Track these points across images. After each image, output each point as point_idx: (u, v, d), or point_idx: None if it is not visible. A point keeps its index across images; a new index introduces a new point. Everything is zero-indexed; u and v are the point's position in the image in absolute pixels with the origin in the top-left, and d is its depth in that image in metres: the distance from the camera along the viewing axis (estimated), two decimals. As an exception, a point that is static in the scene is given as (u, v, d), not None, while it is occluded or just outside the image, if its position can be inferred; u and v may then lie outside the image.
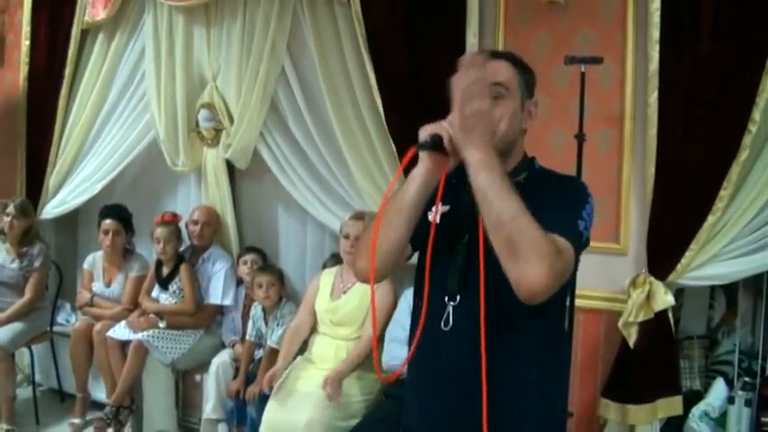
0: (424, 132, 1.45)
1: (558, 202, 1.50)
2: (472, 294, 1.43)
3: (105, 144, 4.25)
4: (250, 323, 3.59)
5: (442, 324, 1.54)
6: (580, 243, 1.49)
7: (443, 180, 1.48)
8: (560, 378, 1.66)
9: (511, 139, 1.56)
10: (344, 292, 3.26)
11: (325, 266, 3.55)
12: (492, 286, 1.41)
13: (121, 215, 4.00)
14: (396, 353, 2.96)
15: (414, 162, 1.49)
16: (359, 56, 3.37)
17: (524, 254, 1.31)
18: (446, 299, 1.55)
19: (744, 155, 2.68)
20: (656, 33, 2.79)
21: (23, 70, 4.49)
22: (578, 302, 2.86)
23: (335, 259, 3.49)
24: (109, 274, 4.05)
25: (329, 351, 3.19)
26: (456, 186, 1.46)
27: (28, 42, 4.46)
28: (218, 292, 3.78)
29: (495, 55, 1.64)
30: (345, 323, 3.21)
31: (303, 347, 3.40)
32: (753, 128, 2.65)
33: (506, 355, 1.48)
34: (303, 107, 3.62)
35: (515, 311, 1.41)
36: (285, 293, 3.63)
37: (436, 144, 1.43)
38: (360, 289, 3.20)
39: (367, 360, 3.09)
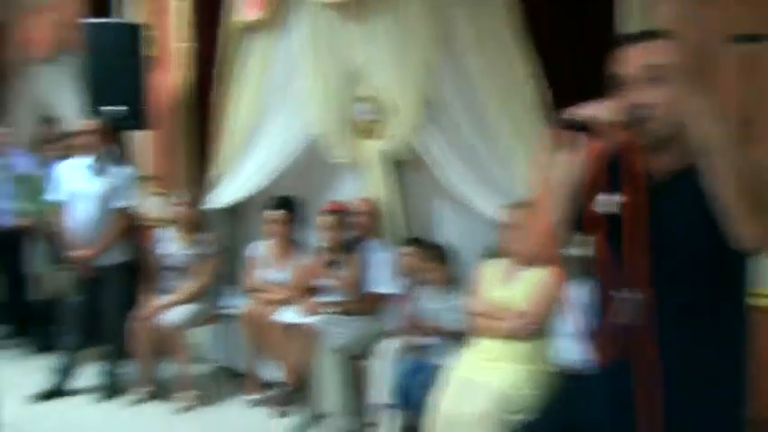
0: (576, 113, 1.43)
1: None
2: (649, 287, 1.43)
3: (265, 141, 4.45)
4: (414, 308, 3.67)
5: (621, 317, 1.54)
6: None
7: (603, 164, 1.46)
8: (741, 376, 1.58)
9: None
10: (511, 282, 3.29)
11: (488, 257, 3.58)
12: (665, 279, 1.41)
13: (289, 206, 4.21)
14: (567, 347, 2.99)
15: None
16: (515, 45, 3.37)
17: None
18: (622, 291, 1.54)
19: None
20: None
21: (183, 71, 4.80)
22: (757, 302, 2.73)
23: (498, 250, 3.51)
24: (277, 261, 4.27)
25: (496, 342, 3.23)
26: (625, 178, 1.44)
27: (187, 45, 4.75)
28: (381, 280, 3.90)
29: (655, 35, 1.54)
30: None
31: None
32: None
33: (683, 348, 1.48)
34: (458, 98, 3.66)
35: (689, 304, 1.41)
36: (449, 278, 3.67)
37: (586, 125, 1.40)
38: (526, 277, 3.23)
39: (531, 349, 3.16)
